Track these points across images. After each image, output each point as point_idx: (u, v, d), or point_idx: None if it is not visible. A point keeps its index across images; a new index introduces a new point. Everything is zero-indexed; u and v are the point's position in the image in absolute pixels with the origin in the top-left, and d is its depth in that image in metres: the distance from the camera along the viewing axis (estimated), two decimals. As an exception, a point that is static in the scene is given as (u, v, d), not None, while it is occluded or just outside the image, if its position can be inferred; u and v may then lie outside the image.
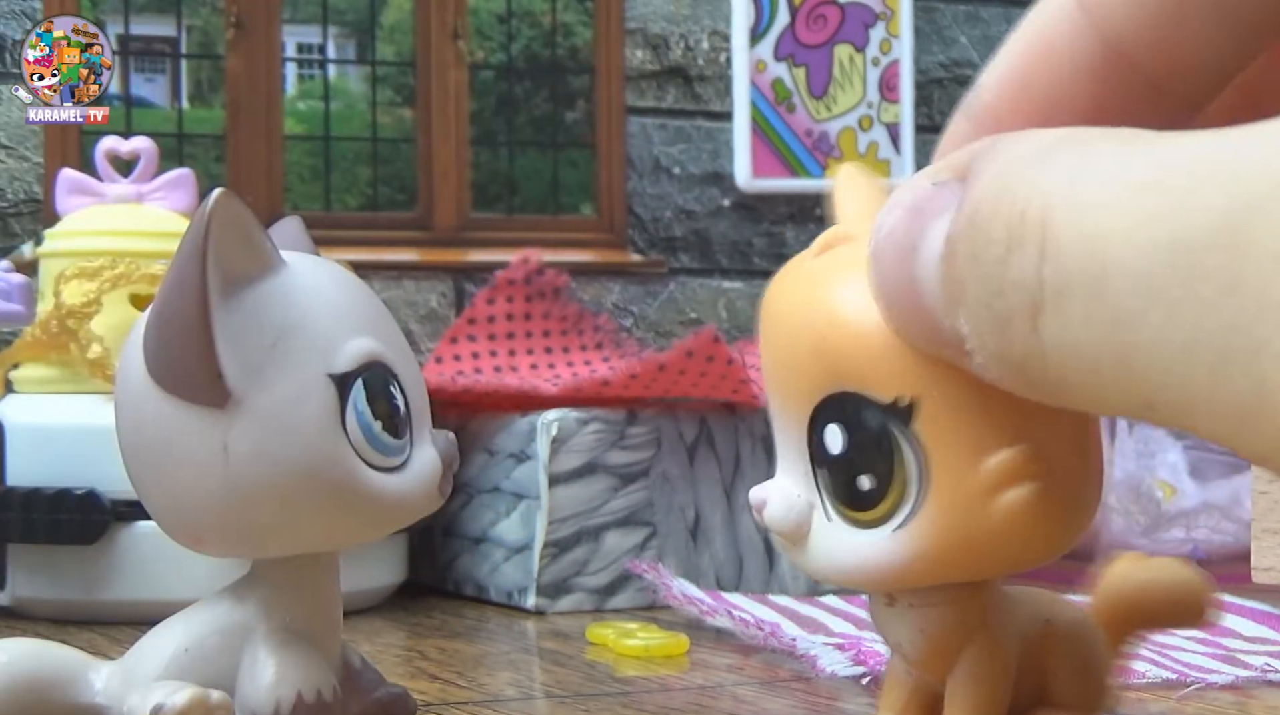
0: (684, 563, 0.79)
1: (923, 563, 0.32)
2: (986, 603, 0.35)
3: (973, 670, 0.35)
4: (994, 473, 0.31)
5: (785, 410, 0.34)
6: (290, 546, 0.43)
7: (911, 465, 0.32)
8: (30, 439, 0.75)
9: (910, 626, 0.34)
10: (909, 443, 0.32)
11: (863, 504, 0.32)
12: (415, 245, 1.15)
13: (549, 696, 0.57)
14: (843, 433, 0.32)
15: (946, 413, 0.31)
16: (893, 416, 0.32)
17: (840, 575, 0.34)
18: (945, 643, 0.34)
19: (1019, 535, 0.32)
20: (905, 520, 0.32)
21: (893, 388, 0.31)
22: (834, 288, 0.32)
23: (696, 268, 1.19)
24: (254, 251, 0.41)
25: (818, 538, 0.34)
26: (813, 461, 0.33)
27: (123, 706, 0.43)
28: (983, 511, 0.32)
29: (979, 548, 0.32)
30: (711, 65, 1.21)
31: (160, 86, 1.13)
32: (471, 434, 0.83)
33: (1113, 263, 0.24)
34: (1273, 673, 0.57)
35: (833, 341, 0.32)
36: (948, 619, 0.34)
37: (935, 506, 0.32)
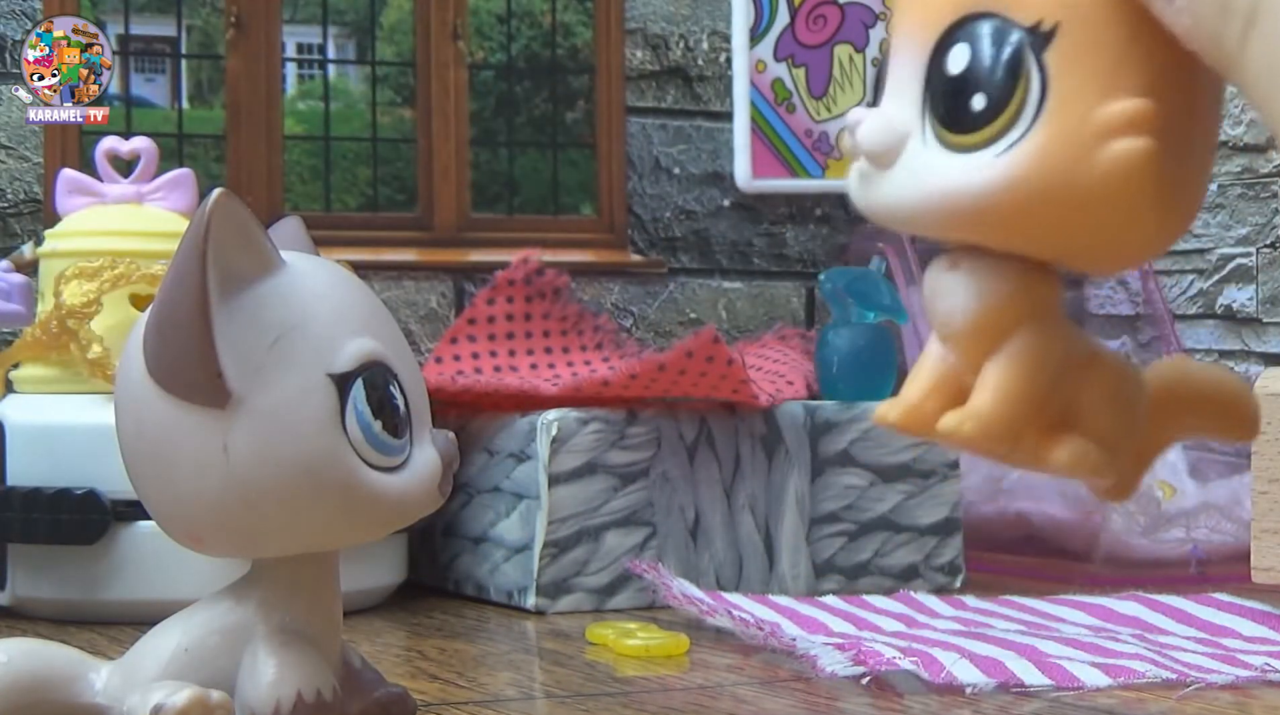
0: (684, 563, 0.79)
1: (1019, 192, 0.31)
2: (1048, 293, 0.34)
3: (1015, 353, 0.34)
4: (1114, 116, 0.31)
5: (910, 35, 0.33)
6: (290, 546, 0.43)
7: (1034, 91, 0.31)
8: (30, 439, 0.75)
9: (969, 292, 0.34)
10: (1038, 68, 0.31)
11: (971, 124, 0.32)
12: (415, 245, 1.15)
13: (549, 696, 0.57)
14: (970, 51, 0.32)
15: (1082, 47, 0.31)
16: (1029, 38, 0.32)
17: (926, 201, 0.33)
18: (1000, 314, 0.33)
19: (1121, 190, 0.31)
20: (1011, 146, 0.31)
21: (1037, 11, 0.31)
22: None
23: (696, 268, 1.19)
24: (254, 251, 0.41)
25: (908, 161, 0.33)
26: (926, 85, 0.33)
27: (123, 706, 0.43)
28: (1093, 152, 0.31)
29: (1079, 191, 0.31)
30: (711, 65, 1.21)
31: (160, 86, 1.13)
32: (471, 434, 0.83)
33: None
34: (1273, 673, 0.57)
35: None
36: (1008, 292, 0.33)
37: (1047, 135, 0.31)
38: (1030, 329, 0.34)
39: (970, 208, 0.32)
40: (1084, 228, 0.32)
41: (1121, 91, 0.31)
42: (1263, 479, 0.65)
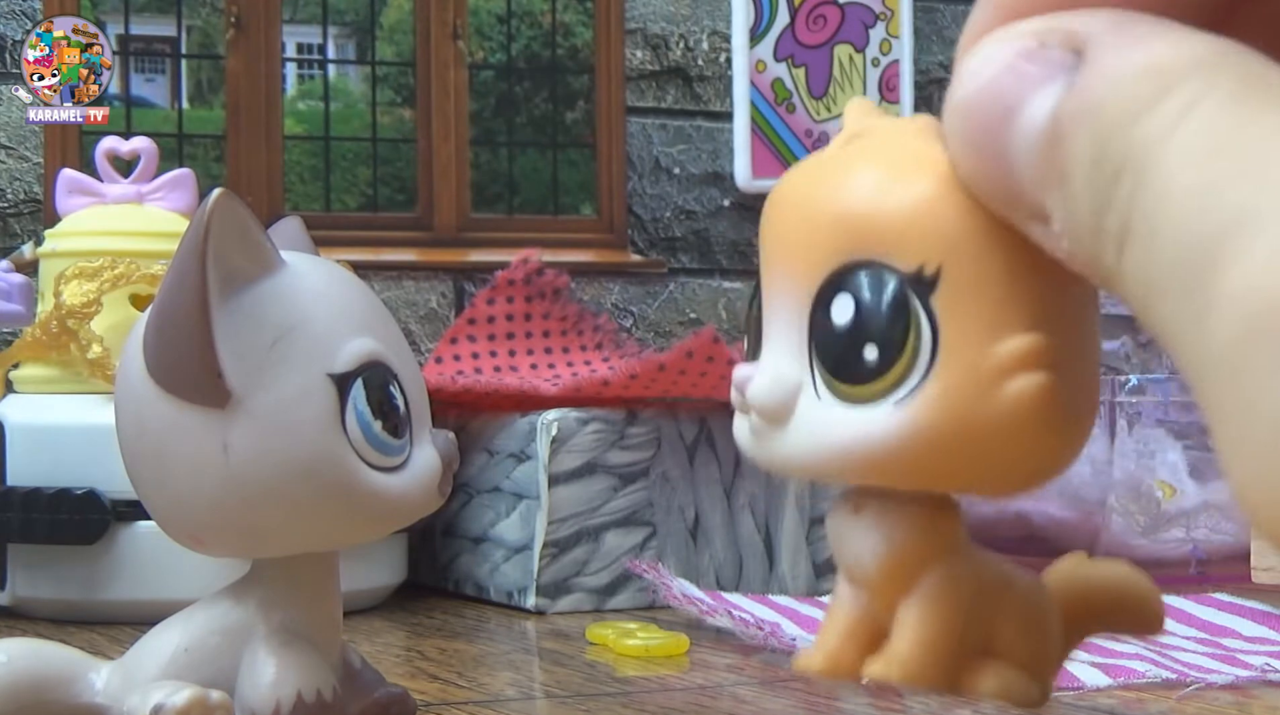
0: (684, 563, 0.79)
1: (922, 440, 0.31)
2: (955, 529, 0.34)
3: (930, 594, 0.34)
4: (1007, 355, 0.31)
5: (786, 287, 0.33)
6: (290, 546, 0.43)
7: (925, 337, 0.31)
8: (30, 439, 0.75)
9: (876, 535, 0.33)
10: (925, 314, 0.31)
11: (864, 377, 0.32)
12: (415, 245, 1.15)
13: (549, 696, 0.57)
14: (854, 302, 0.32)
15: (968, 288, 0.31)
16: (913, 285, 0.31)
17: (826, 454, 0.32)
18: (908, 558, 0.33)
19: (1023, 426, 0.31)
20: (909, 394, 0.31)
21: (917, 257, 0.31)
22: (865, 165, 0.32)
23: (696, 268, 1.19)
24: (254, 251, 0.41)
25: (803, 417, 0.33)
26: (811, 338, 0.33)
27: (123, 706, 0.43)
28: (991, 393, 0.31)
29: (980, 431, 0.31)
30: (711, 65, 1.21)
31: (160, 86, 1.13)
32: (471, 434, 0.83)
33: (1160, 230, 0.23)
34: (1273, 673, 0.57)
35: (858, 211, 0.31)
36: (914, 531, 0.33)
37: (943, 382, 0.31)
38: (942, 565, 0.34)
39: (874, 460, 0.32)
40: (988, 464, 0.32)
41: (1012, 328, 0.31)
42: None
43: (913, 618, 0.34)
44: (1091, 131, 0.26)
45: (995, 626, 0.36)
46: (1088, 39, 0.26)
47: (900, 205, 0.31)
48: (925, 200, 0.31)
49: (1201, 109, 0.24)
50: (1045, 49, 0.27)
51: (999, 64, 0.28)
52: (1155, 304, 0.24)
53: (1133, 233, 0.24)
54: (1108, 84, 0.26)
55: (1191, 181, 0.23)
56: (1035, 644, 0.37)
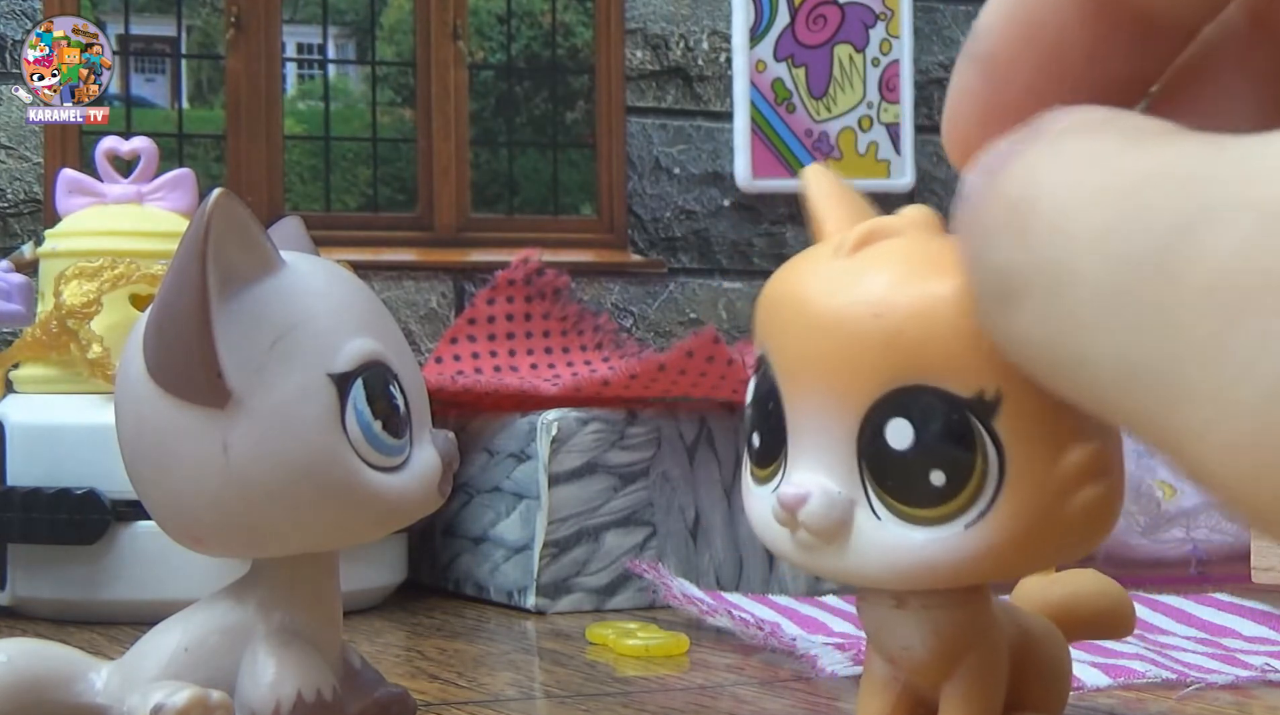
0: (684, 563, 0.79)
1: (994, 558, 0.32)
2: (991, 604, 0.35)
3: (976, 673, 0.34)
4: (1072, 469, 0.31)
5: (827, 406, 0.32)
6: (290, 546, 0.43)
7: (993, 462, 0.31)
8: (30, 439, 0.75)
9: (924, 628, 0.34)
10: (990, 438, 0.31)
11: (931, 501, 0.32)
12: (415, 245, 1.15)
13: (549, 696, 0.57)
14: (912, 428, 0.32)
15: (1028, 408, 0.31)
16: (975, 411, 0.31)
17: (895, 574, 0.32)
18: (956, 644, 0.34)
19: (1088, 530, 0.32)
20: (979, 516, 0.31)
21: (976, 382, 0.31)
22: (899, 280, 0.32)
23: (696, 268, 1.19)
24: (254, 251, 0.41)
25: (864, 536, 0.32)
26: (860, 457, 0.32)
27: (123, 706, 0.43)
28: (1060, 508, 0.31)
29: (1050, 543, 0.32)
30: (711, 65, 1.21)
31: (160, 86, 1.13)
32: (471, 434, 0.83)
33: (1075, 268, 0.23)
34: (1273, 673, 0.57)
35: (910, 334, 0.31)
36: (961, 620, 0.34)
37: (1012, 503, 0.31)
38: (983, 645, 0.35)
39: (946, 578, 0.32)
40: (1055, 558, 0.33)
41: (1072, 440, 0.31)
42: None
43: (962, 701, 0.34)
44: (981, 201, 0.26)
45: (1025, 683, 0.37)
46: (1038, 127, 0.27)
47: (955, 330, 0.31)
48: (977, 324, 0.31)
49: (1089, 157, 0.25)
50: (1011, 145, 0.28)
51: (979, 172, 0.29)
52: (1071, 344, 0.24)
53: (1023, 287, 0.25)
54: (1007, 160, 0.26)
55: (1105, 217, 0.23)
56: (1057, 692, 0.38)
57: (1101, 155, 0.24)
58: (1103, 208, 0.23)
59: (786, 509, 0.33)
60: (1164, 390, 0.22)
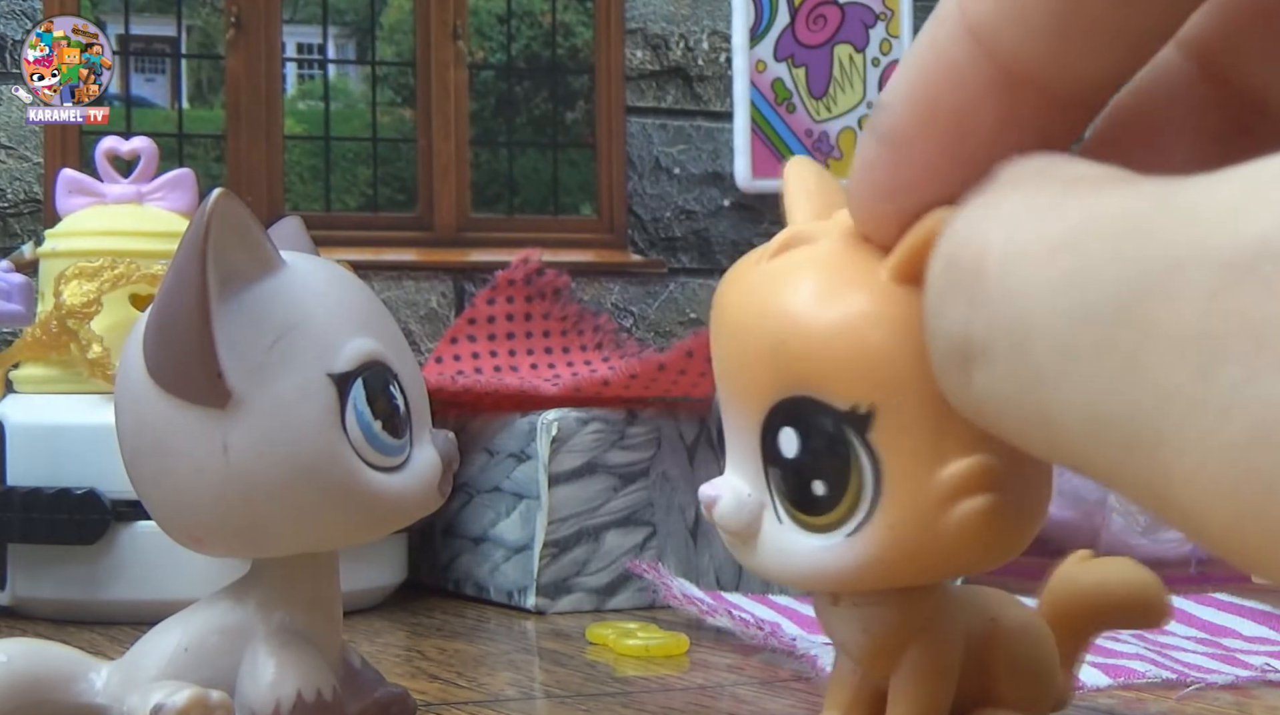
0: (684, 563, 0.79)
1: (875, 569, 0.32)
2: (932, 602, 0.35)
3: (915, 669, 0.35)
4: (950, 483, 0.31)
5: (738, 410, 0.33)
6: (290, 546, 0.43)
7: (867, 473, 0.31)
8: (30, 439, 0.75)
9: (854, 626, 0.34)
10: (865, 450, 0.31)
11: (815, 509, 0.32)
12: (415, 245, 1.15)
13: (549, 696, 0.57)
14: (798, 437, 0.32)
15: (904, 422, 0.31)
16: (849, 424, 0.31)
17: (791, 577, 0.33)
18: (888, 642, 0.34)
19: (971, 544, 0.32)
20: (858, 527, 0.32)
21: (850, 395, 0.31)
22: (793, 291, 0.32)
23: (696, 268, 1.19)
24: (254, 251, 0.41)
25: (768, 538, 0.33)
26: (765, 462, 0.33)
27: (123, 706, 0.43)
28: (937, 521, 0.31)
29: (931, 555, 0.32)
30: (711, 65, 1.21)
31: (160, 86, 1.13)
32: (471, 434, 0.83)
33: (1033, 324, 0.23)
34: (1273, 673, 0.57)
35: (791, 346, 0.31)
36: (891, 618, 0.34)
37: (889, 515, 0.31)
38: (923, 639, 0.35)
39: (835, 582, 0.33)
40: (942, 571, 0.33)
41: (952, 453, 0.31)
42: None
43: (904, 694, 0.35)
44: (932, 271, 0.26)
45: (990, 669, 0.37)
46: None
47: (828, 344, 0.31)
48: (852, 338, 0.31)
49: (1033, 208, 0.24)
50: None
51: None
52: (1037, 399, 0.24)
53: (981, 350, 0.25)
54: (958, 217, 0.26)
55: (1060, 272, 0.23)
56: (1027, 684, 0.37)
57: (1041, 208, 0.24)
58: (1050, 263, 0.23)
59: (704, 506, 0.35)
60: (1138, 441, 0.22)
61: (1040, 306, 0.23)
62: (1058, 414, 0.23)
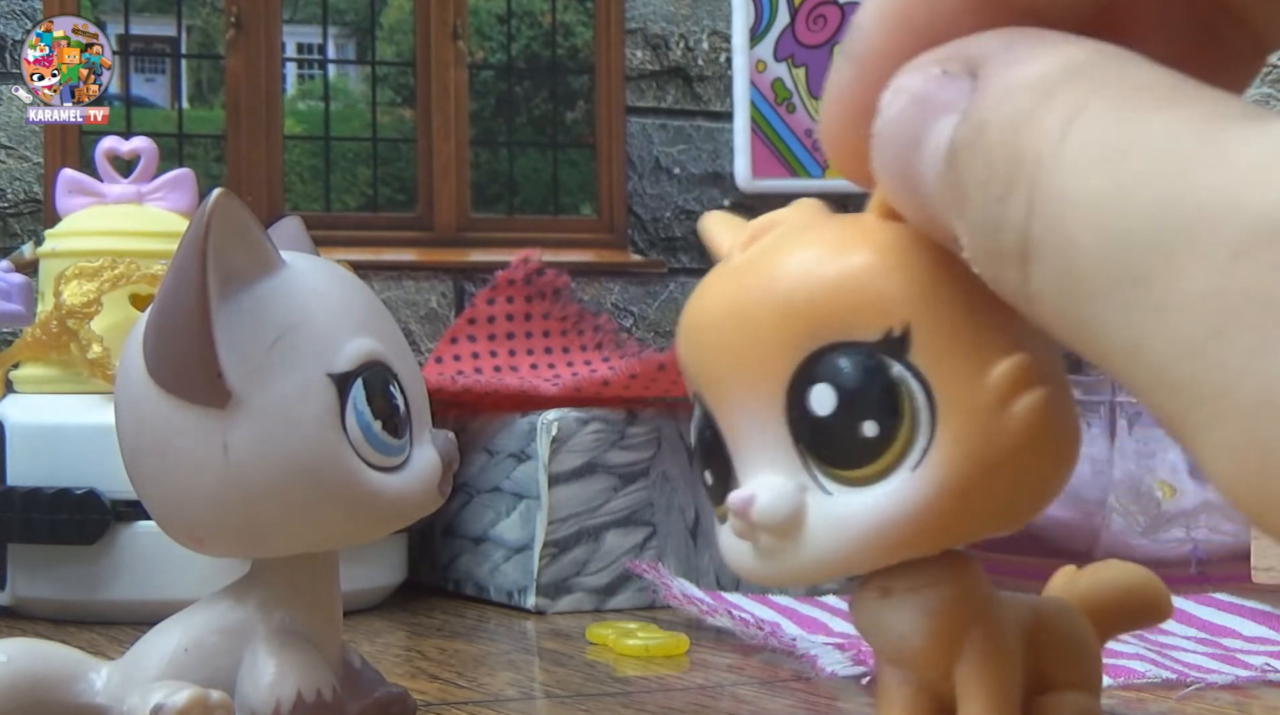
0: (684, 563, 0.79)
1: (952, 495, 0.30)
2: (985, 583, 0.34)
3: (983, 652, 0.33)
4: (1003, 382, 0.30)
5: (749, 400, 0.32)
6: (290, 546, 0.43)
7: (918, 395, 0.30)
8: (30, 439, 0.75)
9: (913, 614, 0.33)
10: (910, 373, 0.31)
11: (869, 455, 0.31)
12: (415, 245, 1.15)
13: (549, 696, 0.57)
14: (832, 389, 0.31)
15: (941, 334, 0.30)
16: (886, 351, 0.31)
17: (854, 546, 0.31)
18: (952, 624, 0.33)
19: (1039, 441, 0.31)
20: (923, 456, 0.30)
21: (880, 323, 0.30)
22: (792, 254, 0.32)
23: (696, 268, 1.19)
24: (254, 251, 0.41)
25: (818, 518, 0.31)
26: (796, 440, 0.32)
27: (123, 706, 0.43)
28: (1000, 424, 0.30)
29: (1005, 464, 0.30)
30: (711, 65, 1.21)
31: (160, 86, 1.13)
32: (471, 434, 0.83)
33: (1080, 233, 0.23)
34: (1273, 673, 0.57)
35: (802, 298, 0.31)
36: (953, 596, 0.33)
37: (951, 432, 0.30)
38: (982, 621, 0.33)
39: (906, 533, 0.31)
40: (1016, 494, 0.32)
41: (996, 355, 0.30)
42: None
43: (974, 681, 0.33)
44: (981, 152, 0.26)
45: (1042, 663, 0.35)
46: (981, 61, 0.27)
47: (845, 279, 0.31)
48: (867, 267, 0.31)
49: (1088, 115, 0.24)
50: (947, 76, 0.27)
51: (907, 95, 0.28)
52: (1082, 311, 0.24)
53: (1038, 247, 0.24)
54: (992, 103, 0.26)
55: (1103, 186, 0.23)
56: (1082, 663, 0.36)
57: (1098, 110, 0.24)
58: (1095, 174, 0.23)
59: (739, 515, 0.32)
60: (1162, 379, 0.22)
61: (1085, 220, 0.23)
62: (1098, 329, 0.23)
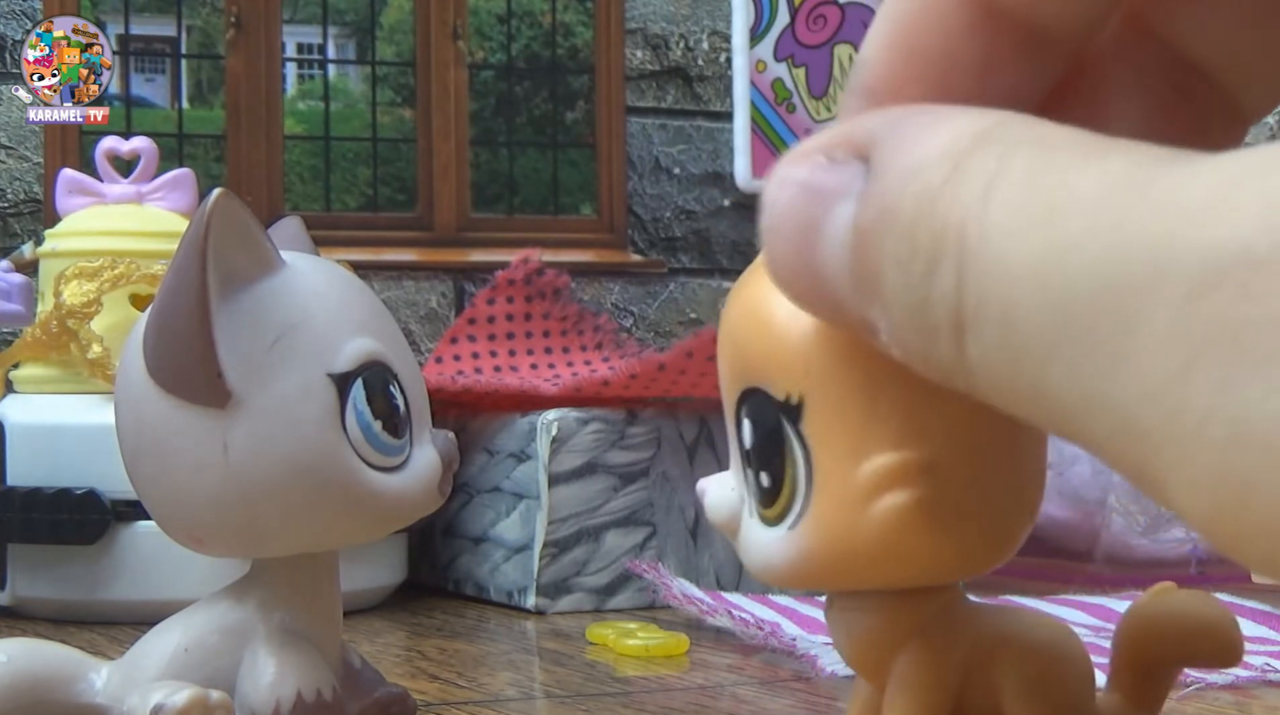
0: (684, 563, 0.79)
1: (808, 564, 0.32)
2: (927, 612, 0.34)
3: (903, 677, 0.34)
4: (870, 477, 0.31)
5: (726, 405, 0.34)
6: (290, 546, 0.43)
7: (800, 464, 0.31)
8: (30, 439, 0.75)
9: (839, 629, 0.34)
10: (798, 441, 0.31)
11: (765, 501, 0.33)
12: (415, 245, 1.15)
13: (549, 696, 0.57)
14: (751, 429, 0.32)
15: (831, 413, 0.31)
16: (785, 413, 0.31)
17: (754, 571, 0.34)
18: (870, 648, 0.34)
19: (898, 544, 0.31)
20: (795, 520, 0.32)
21: (785, 385, 0.31)
22: (747, 285, 0.32)
23: (696, 268, 1.19)
24: (254, 251, 0.41)
25: (744, 532, 0.34)
26: (743, 458, 0.33)
27: (123, 706, 0.43)
28: (860, 516, 0.31)
29: (859, 553, 0.31)
30: (711, 65, 1.21)
31: (160, 86, 1.13)
32: (471, 434, 0.83)
33: (1019, 298, 0.23)
34: (1273, 673, 0.57)
35: (742, 337, 0.32)
36: (872, 625, 0.34)
37: (819, 508, 0.31)
38: (912, 648, 0.34)
39: (779, 577, 0.33)
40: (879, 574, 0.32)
41: (877, 447, 0.31)
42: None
43: (894, 702, 0.34)
44: (893, 233, 0.25)
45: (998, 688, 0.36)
46: (871, 143, 0.26)
47: (767, 334, 0.31)
48: (784, 329, 0.31)
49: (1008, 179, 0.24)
50: (834, 163, 0.27)
51: (794, 185, 0.27)
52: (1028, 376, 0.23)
53: (974, 318, 0.24)
54: (896, 183, 0.25)
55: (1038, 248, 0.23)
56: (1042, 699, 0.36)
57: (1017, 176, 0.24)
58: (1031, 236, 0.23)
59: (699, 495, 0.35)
60: (1125, 426, 0.22)
61: (1026, 281, 0.23)
62: (1049, 389, 0.23)
